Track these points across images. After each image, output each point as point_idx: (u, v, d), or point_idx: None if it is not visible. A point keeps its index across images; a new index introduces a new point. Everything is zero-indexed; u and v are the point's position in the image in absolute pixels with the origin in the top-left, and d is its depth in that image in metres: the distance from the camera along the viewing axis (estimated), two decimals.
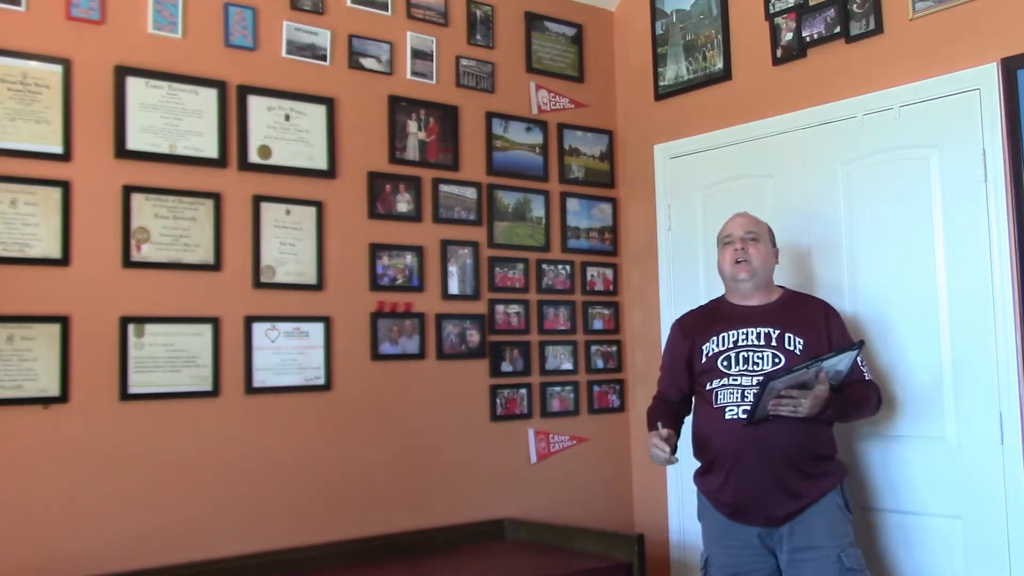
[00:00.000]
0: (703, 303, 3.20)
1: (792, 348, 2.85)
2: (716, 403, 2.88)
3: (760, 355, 2.86)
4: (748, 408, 2.75)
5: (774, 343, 2.87)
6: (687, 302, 3.82)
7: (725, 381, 2.88)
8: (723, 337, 2.93)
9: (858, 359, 2.85)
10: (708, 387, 2.92)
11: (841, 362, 2.75)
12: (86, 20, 2.91)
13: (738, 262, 2.94)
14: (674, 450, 2.85)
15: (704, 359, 2.95)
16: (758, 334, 2.90)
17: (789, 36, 3.52)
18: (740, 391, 2.83)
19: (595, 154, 4.10)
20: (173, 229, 3.01)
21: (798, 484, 2.77)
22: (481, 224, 3.72)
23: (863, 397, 2.87)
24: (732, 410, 2.83)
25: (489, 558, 3.34)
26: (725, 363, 2.90)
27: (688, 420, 3.08)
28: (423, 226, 3.56)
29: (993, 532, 2.95)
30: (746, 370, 2.85)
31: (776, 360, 2.85)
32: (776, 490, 2.77)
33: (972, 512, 3.00)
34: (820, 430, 2.83)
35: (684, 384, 3.05)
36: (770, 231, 3.04)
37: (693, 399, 3.05)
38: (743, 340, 2.90)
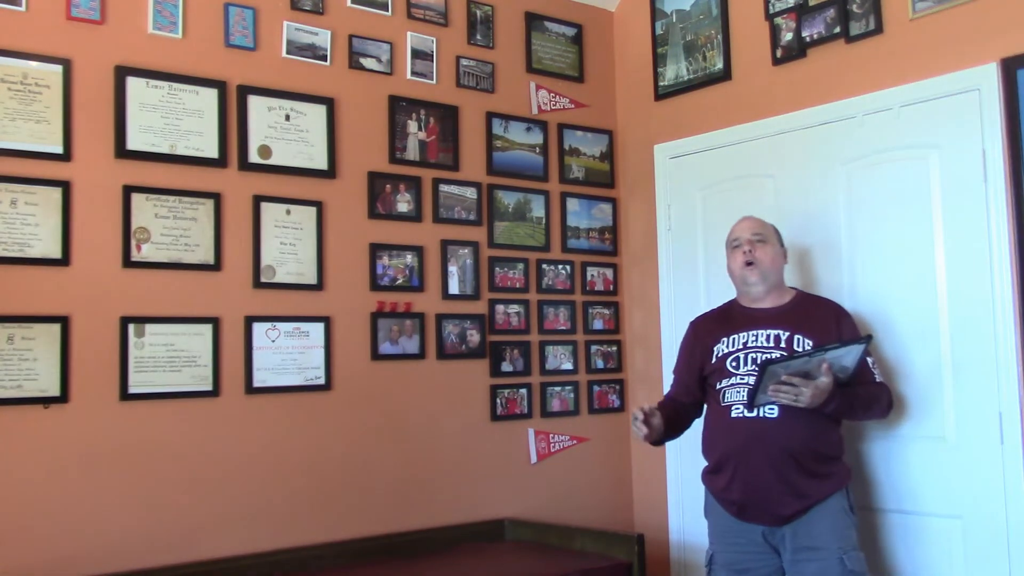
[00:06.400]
0: (717, 305, 3.20)
1: (801, 349, 2.84)
2: (723, 402, 2.89)
3: (769, 355, 2.85)
4: (748, 387, 2.77)
5: (783, 344, 2.87)
6: (687, 302, 3.84)
7: (733, 380, 2.88)
8: (733, 339, 2.95)
9: (868, 360, 2.86)
10: (717, 387, 2.94)
11: (847, 356, 2.73)
12: (86, 20, 2.91)
13: (748, 264, 2.95)
14: (655, 431, 2.89)
15: (714, 359, 2.96)
16: (768, 336, 2.90)
17: (789, 36, 3.52)
18: (747, 390, 2.82)
19: (595, 154, 4.10)
20: (173, 229, 3.01)
21: (804, 483, 2.78)
22: (481, 224, 3.72)
23: (871, 397, 2.87)
24: (738, 408, 2.84)
25: (489, 558, 3.34)
26: (734, 363, 2.91)
27: (698, 421, 3.09)
28: (423, 226, 3.56)
29: (993, 532, 2.95)
30: (754, 371, 2.84)
31: None
32: (781, 489, 2.77)
33: (972, 512, 3.00)
34: (828, 430, 2.84)
35: (693, 385, 3.06)
36: (776, 232, 3.06)
37: (705, 403, 3.06)
38: (752, 341, 2.91)
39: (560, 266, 3.93)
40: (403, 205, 3.52)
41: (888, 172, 3.25)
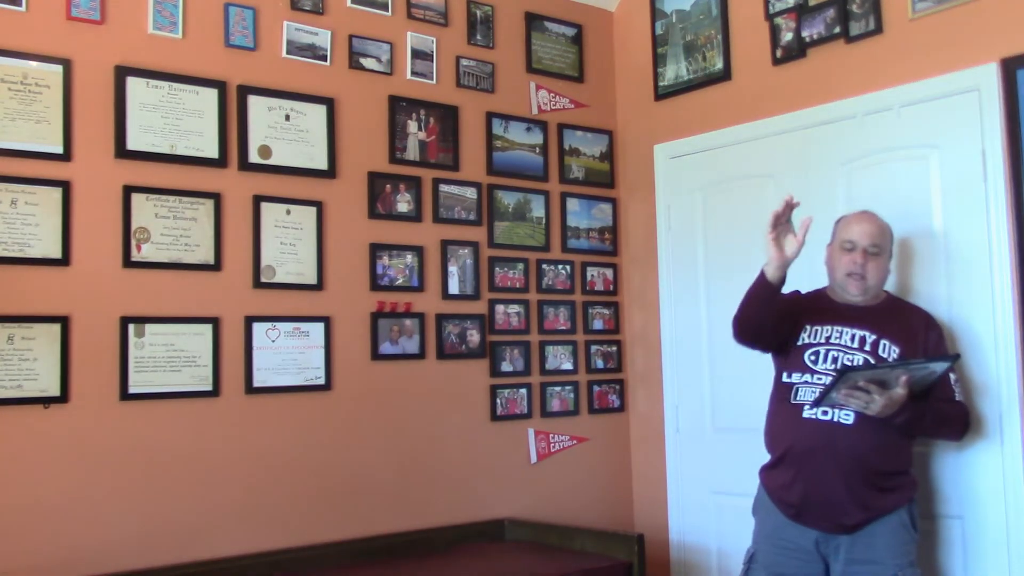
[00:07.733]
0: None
1: (886, 355, 2.74)
2: (794, 399, 2.77)
3: (850, 358, 2.74)
4: (822, 388, 2.65)
5: (868, 347, 2.75)
6: (687, 302, 3.85)
7: (807, 378, 2.77)
8: (816, 330, 2.82)
9: (951, 377, 2.75)
10: (787, 379, 2.82)
11: (929, 370, 2.63)
12: (86, 20, 2.91)
13: (851, 274, 2.80)
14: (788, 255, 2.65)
15: (799, 342, 2.83)
16: (852, 336, 2.78)
17: (789, 36, 3.52)
18: (820, 390, 2.70)
19: (595, 154, 4.10)
20: (173, 229, 3.01)
21: (868, 495, 2.68)
22: (481, 224, 3.72)
23: (947, 416, 2.75)
24: (810, 408, 2.72)
25: (489, 558, 3.34)
26: (812, 357, 2.79)
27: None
28: (423, 226, 3.56)
29: (993, 532, 2.95)
30: (830, 370, 2.73)
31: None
32: (847, 498, 2.67)
33: (972, 512, 3.01)
34: (898, 442, 2.72)
35: (787, 304, 2.84)
36: (892, 238, 2.89)
37: (771, 391, 2.92)
38: (836, 338, 2.79)
39: (560, 266, 3.93)
40: (403, 205, 3.52)
41: (888, 172, 3.25)
